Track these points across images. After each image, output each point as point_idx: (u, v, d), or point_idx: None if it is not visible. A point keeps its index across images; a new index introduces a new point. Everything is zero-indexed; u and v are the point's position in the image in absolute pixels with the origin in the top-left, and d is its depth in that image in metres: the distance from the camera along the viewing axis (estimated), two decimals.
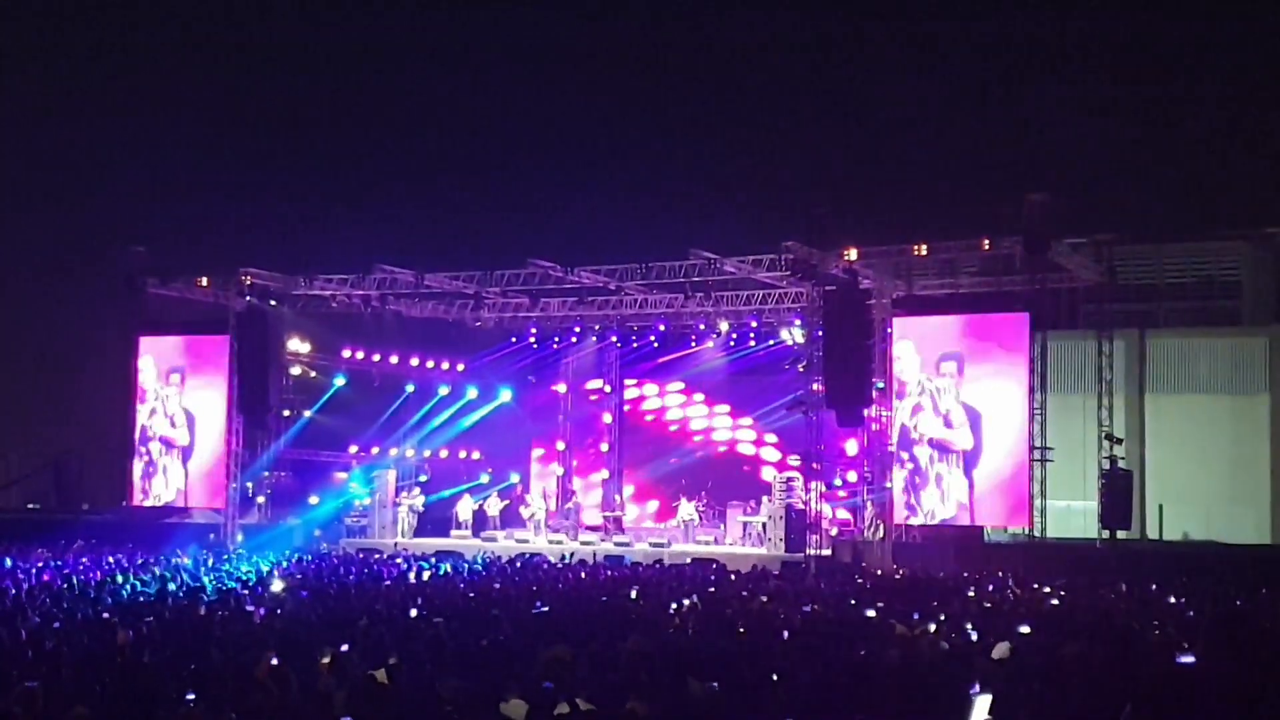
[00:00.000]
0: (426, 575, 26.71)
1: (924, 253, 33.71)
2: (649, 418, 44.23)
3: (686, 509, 38.04)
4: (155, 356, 40.03)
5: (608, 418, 44.31)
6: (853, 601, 21.11)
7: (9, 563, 27.06)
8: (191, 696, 11.24)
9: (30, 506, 44.15)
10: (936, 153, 46.31)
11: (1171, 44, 45.95)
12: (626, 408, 44.44)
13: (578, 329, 42.42)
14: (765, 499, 36.53)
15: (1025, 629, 16.18)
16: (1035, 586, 24.45)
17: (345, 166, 51.30)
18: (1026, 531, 32.10)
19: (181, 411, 39.58)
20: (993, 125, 47.06)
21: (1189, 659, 7.81)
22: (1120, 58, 47.34)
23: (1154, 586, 24.16)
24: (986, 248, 33.26)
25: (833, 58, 51.08)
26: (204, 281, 38.96)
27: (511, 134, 51.98)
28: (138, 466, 40.04)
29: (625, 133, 49.98)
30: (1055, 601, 21.69)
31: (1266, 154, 43.20)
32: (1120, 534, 32.35)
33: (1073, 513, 34.58)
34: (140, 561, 28.81)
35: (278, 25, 51.87)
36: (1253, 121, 44.33)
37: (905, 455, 33.26)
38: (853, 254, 33.27)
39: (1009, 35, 48.05)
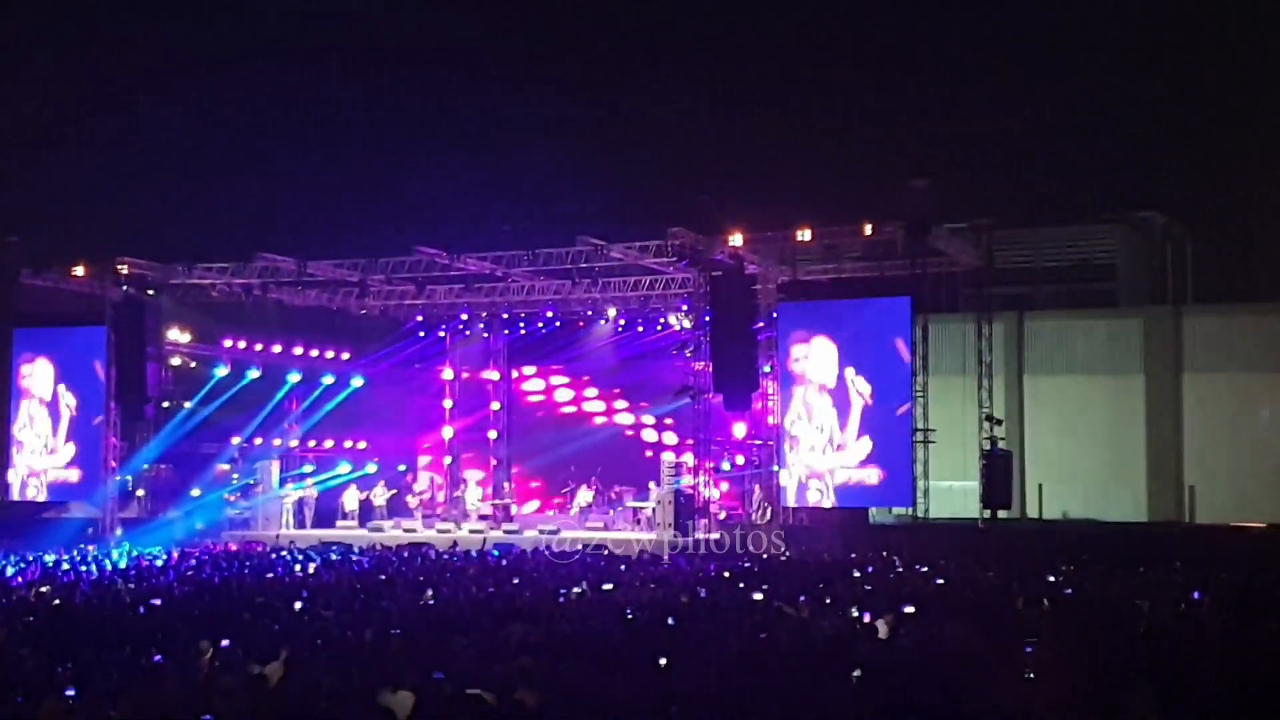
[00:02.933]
0: (312, 568, 26.41)
1: (808, 238, 34.01)
2: (536, 398, 44.01)
3: (584, 495, 38.14)
4: (30, 349, 39.03)
5: (496, 405, 44.12)
6: (741, 585, 21.25)
7: None
8: (71, 692, 11.03)
9: None
10: (819, 139, 46.67)
11: (1045, 30, 46.79)
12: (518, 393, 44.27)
13: (465, 316, 42.20)
14: (652, 484, 36.73)
15: (909, 609, 16.40)
16: (919, 567, 24.80)
17: (224, 151, 50.42)
18: (910, 512, 32.55)
19: (58, 405, 38.65)
20: (873, 112, 47.56)
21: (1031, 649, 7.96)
22: (995, 44, 48.06)
23: (1034, 565, 24.62)
24: (869, 233, 33.67)
25: (714, 44, 51.31)
26: (79, 271, 38.09)
27: (394, 120, 51.47)
28: (13, 461, 39.05)
29: (508, 119, 49.75)
30: (940, 581, 22.02)
31: (1140, 138, 44.18)
32: (1001, 513, 32.91)
33: (954, 493, 35.09)
34: (15, 558, 28.16)
35: (149, 8, 50.82)
36: (1126, 106, 45.28)
37: (792, 437, 33.54)
38: (738, 239, 33.52)
39: (884, 23, 48.60)
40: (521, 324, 42.25)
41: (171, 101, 50.44)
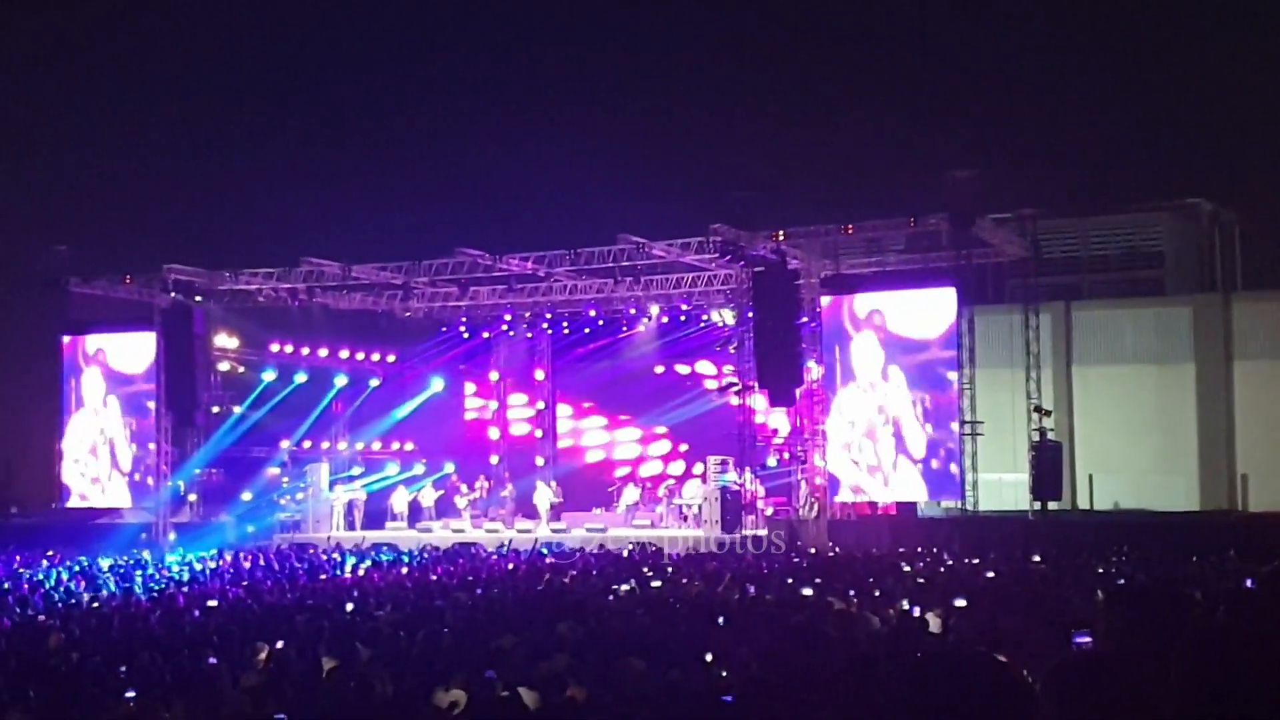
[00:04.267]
0: (363, 569, 26.58)
1: (850, 232, 33.90)
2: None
3: (631, 493, 38.21)
4: (80, 356, 39.46)
5: (540, 405, 44.31)
6: (789, 580, 21.21)
7: None
8: (131, 694, 11.15)
9: None
10: (861, 132, 46.55)
11: (1090, 20, 46.49)
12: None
13: (508, 317, 42.31)
14: (698, 481, 36.83)
15: (961, 602, 16.30)
16: (969, 560, 24.68)
17: (268, 158, 50.81)
18: (959, 506, 32.39)
19: (109, 411, 39.04)
20: (914, 103, 47.41)
21: (1085, 639, 7.82)
22: (1040, 34, 47.79)
23: (1085, 556, 24.47)
24: (912, 225, 33.53)
25: (755, 40, 51.26)
26: (127, 279, 38.44)
27: (436, 122, 51.72)
28: (66, 468, 39.47)
29: (550, 118, 49.89)
30: (990, 574, 21.90)
31: (1186, 125, 43.85)
32: (1051, 505, 32.72)
33: (1004, 485, 34.92)
34: (71, 564, 28.49)
35: (195, 17, 51.27)
36: (1172, 94, 44.93)
37: (838, 432, 33.46)
38: (780, 235, 33.42)
39: (928, 14, 48.41)
40: (565, 324, 42.33)
41: (216, 110, 50.87)
